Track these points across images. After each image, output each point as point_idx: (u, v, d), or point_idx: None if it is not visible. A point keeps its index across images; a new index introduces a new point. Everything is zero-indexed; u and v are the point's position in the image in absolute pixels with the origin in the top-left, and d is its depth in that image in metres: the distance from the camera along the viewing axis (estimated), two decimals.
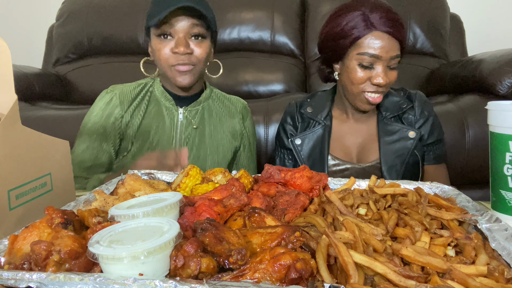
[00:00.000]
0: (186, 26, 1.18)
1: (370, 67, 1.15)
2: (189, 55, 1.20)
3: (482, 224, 0.61)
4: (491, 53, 1.83)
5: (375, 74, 1.14)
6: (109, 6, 2.40)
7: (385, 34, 1.12)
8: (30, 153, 0.74)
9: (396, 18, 1.14)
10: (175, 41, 1.18)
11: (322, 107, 1.34)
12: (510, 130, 0.72)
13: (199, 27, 1.19)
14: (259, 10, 2.37)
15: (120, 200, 0.73)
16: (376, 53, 1.12)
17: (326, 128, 1.30)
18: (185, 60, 1.19)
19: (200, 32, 1.20)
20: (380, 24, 1.12)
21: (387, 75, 1.15)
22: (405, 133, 1.24)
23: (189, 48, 1.19)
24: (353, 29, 1.14)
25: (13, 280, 0.48)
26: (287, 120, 1.38)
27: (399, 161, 1.22)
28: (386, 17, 1.12)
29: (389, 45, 1.12)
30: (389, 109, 1.27)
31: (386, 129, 1.25)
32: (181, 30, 1.18)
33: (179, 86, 1.25)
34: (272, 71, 2.31)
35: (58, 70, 2.43)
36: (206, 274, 0.48)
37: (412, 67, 2.24)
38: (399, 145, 1.23)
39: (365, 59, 1.14)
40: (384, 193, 0.74)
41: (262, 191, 0.77)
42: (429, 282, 0.47)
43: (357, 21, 1.14)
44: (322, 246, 0.52)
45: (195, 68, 1.23)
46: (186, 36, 1.19)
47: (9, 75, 0.73)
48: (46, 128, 1.16)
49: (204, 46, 1.22)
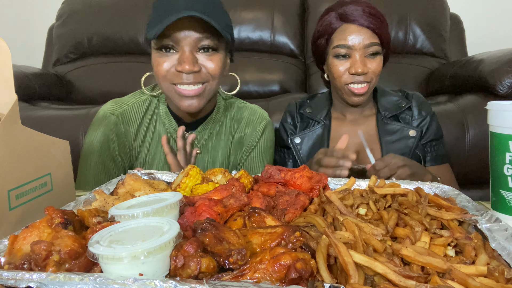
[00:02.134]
0: (192, 39, 0.95)
1: (346, 58, 1.17)
2: (197, 73, 0.98)
3: (482, 224, 0.61)
4: (491, 53, 1.83)
5: (351, 63, 1.16)
6: (109, 6, 2.40)
7: (354, 25, 1.15)
8: (30, 153, 0.74)
9: (370, 11, 1.16)
10: (179, 56, 0.97)
11: (322, 107, 1.34)
12: (510, 130, 0.72)
13: (210, 39, 0.97)
14: (259, 10, 2.37)
15: (120, 200, 0.73)
16: (348, 43, 1.15)
17: (325, 127, 1.31)
18: (190, 80, 0.97)
19: (211, 44, 0.98)
20: (350, 16, 1.15)
21: (365, 63, 1.15)
22: (405, 132, 1.24)
23: (197, 64, 0.97)
24: (327, 26, 1.19)
25: (13, 280, 0.48)
26: (287, 119, 1.39)
27: None
28: (357, 10, 1.15)
29: (360, 34, 1.14)
30: (388, 109, 1.28)
31: (386, 129, 1.25)
32: (186, 43, 0.96)
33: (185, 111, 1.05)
34: (272, 71, 2.31)
35: (58, 70, 2.43)
36: (206, 274, 0.48)
37: (412, 67, 2.24)
38: (400, 144, 1.23)
39: (339, 51, 1.17)
40: (384, 193, 0.74)
41: (262, 191, 0.77)
42: (429, 282, 0.47)
43: (330, 19, 1.19)
44: (322, 246, 0.52)
45: (205, 89, 1.01)
46: (192, 50, 0.97)
47: (9, 75, 0.73)
48: (46, 128, 1.16)
49: (217, 60, 1.00)
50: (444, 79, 2.05)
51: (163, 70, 0.99)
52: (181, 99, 1.01)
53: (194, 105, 1.02)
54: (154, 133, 1.14)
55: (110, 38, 2.39)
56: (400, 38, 2.26)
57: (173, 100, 1.03)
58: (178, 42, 0.96)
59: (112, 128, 1.10)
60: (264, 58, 2.36)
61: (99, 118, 1.13)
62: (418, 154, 1.24)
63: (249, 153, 1.24)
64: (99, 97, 2.22)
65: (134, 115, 1.12)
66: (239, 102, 1.27)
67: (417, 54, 2.30)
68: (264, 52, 2.38)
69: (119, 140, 1.11)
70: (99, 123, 1.12)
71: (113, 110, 1.13)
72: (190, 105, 1.01)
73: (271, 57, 2.37)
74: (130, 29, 2.37)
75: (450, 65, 2.11)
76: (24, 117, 0.73)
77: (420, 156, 1.24)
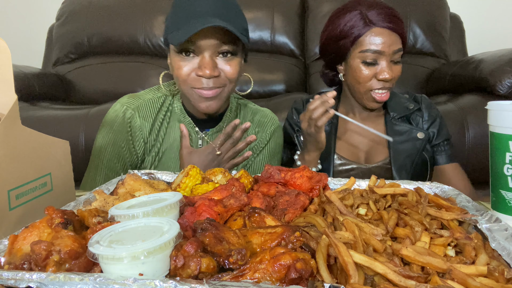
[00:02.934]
0: (213, 44, 0.97)
1: (374, 64, 1.15)
2: (216, 77, 1.00)
3: (482, 224, 0.61)
4: (491, 53, 1.83)
5: (380, 69, 1.15)
6: (109, 6, 2.40)
7: (385, 29, 1.13)
8: (30, 153, 0.74)
9: (394, 13, 1.15)
10: (200, 61, 0.99)
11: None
12: (510, 130, 0.72)
13: (229, 44, 0.99)
14: (259, 10, 2.37)
15: (120, 200, 0.73)
16: (379, 48, 1.13)
17: (332, 126, 1.30)
18: (210, 84, 1.00)
19: (230, 49, 1.00)
20: (378, 20, 1.13)
21: (392, 70, 1.15)
22: (414, 133, 1.24)
23: (217, 69, 0.99)
24: (352, 28, 1.15)
25: (13, 280, 0.48)
26: (293, 116, 1.37)
27: (409, 162, 1.22)
28: (384, 13, 1.13)
29: (390, 40, 1.13)
30: (396, 110, 1.27)
31: (394, 130, 1.25)
32: (207, 48, 0.97)
33: (203, 112, 1.07)
34: (272, 71, 2.31)
35: (58, 70, 2.43)
36: (206, 274, 0.48)
37: (412, 67, 2.24)
38: (408, 145, 1.23)
39: (368, 56, 1.14)
40: (384, 193, 0.74)
41: (262, 191, 0.77)
42: (429, 282, 0.47)
43: (355, 20, 1.15)
44: (322, 246, 0.51)
45: (223, 91, 1.04)
46: (213, 56, 0.99)
47: (9, 75, 0.73)
48: (46, 128, 1.16)
49: (235, 64, 1.02)
50: (444, 79, 2.06)
51: (184, 74, 1.01)
52: (200, 101, 1.04)
53: (212, 106, 1.04)
54: (167, 129, 1.16)
55: (110, 38, 2.39)
56: None
57: (193, 102, 1.06)
58: (199, 47, 0.98)
59: (128, 121, 1.12)
60: (264, 58, 2.36)
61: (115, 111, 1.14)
62: (425, 156, 1.24)
63: (257, 155, 1.23)
64: (99, 97, 2.22)
65: (149, 110, 1.14)
66: (251, 104, 1.29)
67: (417, 54, 2.30)
68: (264, 52, 2.38)
69: (134, 133, 1.13)
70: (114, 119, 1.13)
71: (129, 103, 1.15)
72: (208, 107, 1.04)
73: (271, 57, 2.37)
74: (130, 29, 2.37)
75: (450, 65, 2.11)
76: (24, 117, 0.73)
77: (427, 158, 1.24)
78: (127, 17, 2.37)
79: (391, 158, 1.22)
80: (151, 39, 2.37)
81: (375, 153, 1.26)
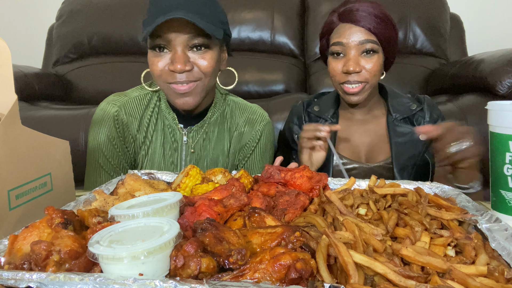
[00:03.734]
0: (183, 38, 0.97)
1: (340, 56, 1.16)
2: (189, 72, 1.00)
3: (482, 224, 0.61)
4: (491, 53, 1.83)
5: (344, 61, 1.15)
6: (109, 6, 2.40)
7: (349, 24, 1.15)
8: (30, 153, 0.74)
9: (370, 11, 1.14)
10: (171, 55, 0.99)
11: (329, 106, 1.33)
12: (510, 130, 0.72)
13: (201, 37, 0.98)
14: (259, 10, 2.37)
15: (120, 200, 0.73)
16: (342, 40, 1.14)
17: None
18: (183, 78, 1.00)
19: (203, 42, 0.99)
20: (347, 15, 1.15)
21: (359, 62, 1.14)
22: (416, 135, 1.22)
23: (189, 63, 0.99)
24: (327, 26, 1.20)
25: (13, 280, 0.48)
26: (293, 120, 1.37)
27: (411, 163, 1.21)
28: (355, 10, 1.15)
29: (355, 32, 1.14)
30: (399, 111, 1.26)
31: (397, 131, 1.24)
32: (178, 43, 0.98)
33: (181, 108, 1.08)
34: (272, 71, 2.31)
35: (58, 70, 2.43)
36: (206, 274, 0.48)
37: (412, 67, 2.24)
38: (410, 147, 1.22)
39: (334, 49, 1.16)
40: (384, 193, 0.74)
41: (262, 191, 0.77)
42: (429, 282, 0.47)
43: (331, 19, 1.20)
44: (322, 246, 0.52)
45: (198, 85, 1.03)
46: (184, 50, 0.99)
47: (9, 75, 0.73)
48: (46, 128, 1.16)
49: (209, 57, 1.01)
50: (444, 79, 2.06)
51: (158, 70, 1.02)
52: (176, 97, 1.04)
53: (189, 102, 1.04)
54: (156, 126, 1.16)
55: (110, 38, 2.39)
56: (400, 38, 2.26)
57: (169, 97, 1.07)
58: (169, 42, 0.98)
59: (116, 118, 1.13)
60: (264, 58, 2.36)
61: (101, 110, 1.15)
62: (427, 159, 1.23)
63: (250, 155, 1.23)
64: (99, 97, 2.20)
65: (136, 107, 1.15)
66: (239, 100, 1.28)
67: (417, 54, 2.30)
68: (264, 52, 2.38)
69: (122, 130, 1.13)
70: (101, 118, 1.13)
71: (115, 101, 1.15)
72: (185, 103, 1.04)
73: (271, 57, 2.37)
74: (130, 29, 2.37)
75: (450, 65, 2.11)
76: (24, 117, 0.73)
77: (429, 160, 1.23)
78: (127, 17, 2.37)
79: (393, 158, 1.21)
80: None
81: (377, 153, 1.26)
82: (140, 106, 1.15)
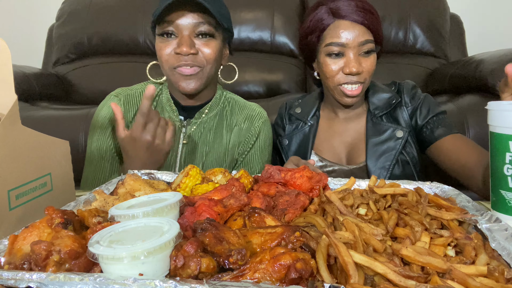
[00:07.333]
0: (190, 24, 1.04)
1: (339, 56, 1.12)
2: (194, 55, 1.06)
3: (482, 224, 0.61)
4: (491, 53, 1.83)
5: (345, 62, 1.11)
6: (109, 6, 2.40)
7: (348, 21, 1.10)
8: (30, 153, 0.74)
9: (363, 6, 1.11)
10: (178, 40, 1.06)
11: (310, 107, 1.31)
12: (510, 130, 0.72)
13: (207, 25, 1.06)
14: (259, 10, 2.37)
15: (120, 200, 0.73)
16: (342, 41, 1.10)
17: (311, 128, 1.27)
18: (188, 61, 1.06)
19: (208, 30, 1.06)
20: (343, 12, 1.10)
21: (360, 62, 1.11)
22: (393, 132, 1.18)
23: (194, 48, 1.06)
24: (317, 22, 1.14)
25: (13, 280, 0.48)
26: (277, 121, 1.37)
27: (387, 163, 1.17)
28: (349, 5, 1.10)
29: (354, 31, 1.09)
30: (378, 107, 1.22)
31: (374, 129, 1.20)
32: (185, 28, 1.05)
33: (183, 92, 1.12)
34: (272, 71, 2.31)
35: (58, 70, 2.43)
36: (206, 274, 0.48)
37: (412, 67, 2.24)
38: (386, 145, 1.18)
39: (332, 49, 1.11)
40: (384, 193, 0.74)
41: (262, 191, 0.77)
42: (429, 282, 0.47)
43: (320, 14, 1.14)
44: (322, 246, 0.52)
45: (202, 71, 1.09)
46: (190, 35, 1.06)
47: (9, 75, 0.73)
48: (46, 128, 1.16)
49: (213, 46, 1.08)
50: (444, 79, 2.05)
51: (165, 55, 1.08)
52: (181, 79, 1.09)
53: (191, 85, 1.09)
54: None
55: (110, 38, 2.39)
56: (400, 38, 2.26)
57: (174, 82, 1.11)
58: (178, 28, 1.05)
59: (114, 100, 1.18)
60: (264, 58, 2.36)
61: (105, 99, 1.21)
62: (405, 157, 1.18)
63: (249, 150, 1.25)
64: (99, 97, 2.20)
65: (136, 99, 1.20)
66: (239, 98, 1.31)
67: (417, 54, 2.30)
68: (264, 52, 2.38)
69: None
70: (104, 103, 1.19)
71: (117, 93, 1.22)
72: (188, 85, 1.09)
73: (271, 57, 2.37)
74: (130, 29, 2.37)
75: (450, 65, 2.11)
76: (24, 117, 0.73)
77: (408, 159, 1.18)
78: (127, 17, 2.37)
79: (367, 160, 1.17)
80: (151, 39, 2.37)
81: (357, 154, 1.22)
82: (141, 98, 1.19)
